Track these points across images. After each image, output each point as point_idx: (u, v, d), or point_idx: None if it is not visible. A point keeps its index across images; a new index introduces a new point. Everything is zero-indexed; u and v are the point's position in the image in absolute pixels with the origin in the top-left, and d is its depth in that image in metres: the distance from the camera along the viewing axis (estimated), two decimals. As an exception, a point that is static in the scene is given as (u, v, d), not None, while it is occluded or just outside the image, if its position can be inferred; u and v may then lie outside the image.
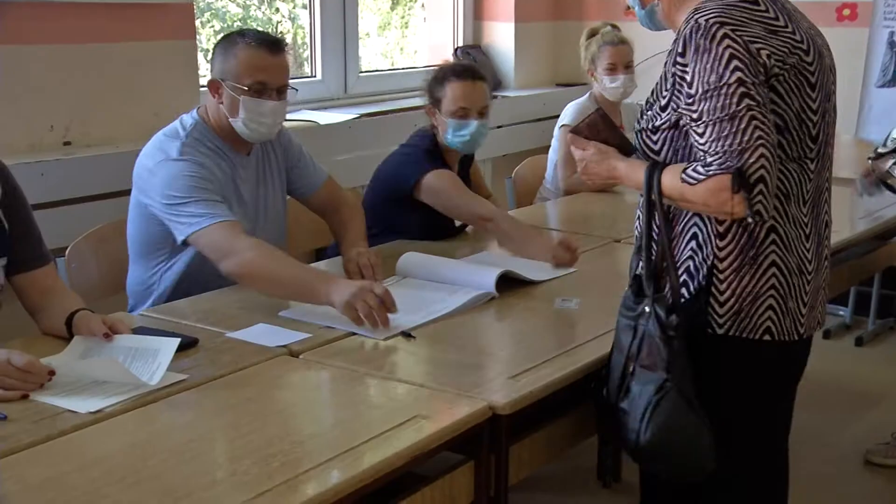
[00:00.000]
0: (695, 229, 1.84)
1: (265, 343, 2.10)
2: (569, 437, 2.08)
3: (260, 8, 4.28)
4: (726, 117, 1.74)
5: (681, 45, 1.80)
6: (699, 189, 1.76)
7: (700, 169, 1.76)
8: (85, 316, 2.05)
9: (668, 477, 1.92)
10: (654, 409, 1.80)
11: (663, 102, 1.85)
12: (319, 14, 4.09)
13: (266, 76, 2.45)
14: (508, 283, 2.46)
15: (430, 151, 2.97)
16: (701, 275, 1.84)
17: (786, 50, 1.79)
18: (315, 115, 3.80)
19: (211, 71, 2.52)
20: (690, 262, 1.85)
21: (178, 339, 1.99)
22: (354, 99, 4.22)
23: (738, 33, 1.76)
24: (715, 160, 1.74)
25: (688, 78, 1.79)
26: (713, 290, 1.83)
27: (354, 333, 2.17)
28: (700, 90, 1.77)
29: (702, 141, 1.77)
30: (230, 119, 2.48)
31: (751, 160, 1.71)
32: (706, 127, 1.76)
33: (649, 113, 1.90)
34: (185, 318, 2.26)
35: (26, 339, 2.12)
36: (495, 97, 4.62)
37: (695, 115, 1.78)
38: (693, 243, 1.85)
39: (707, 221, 1.83)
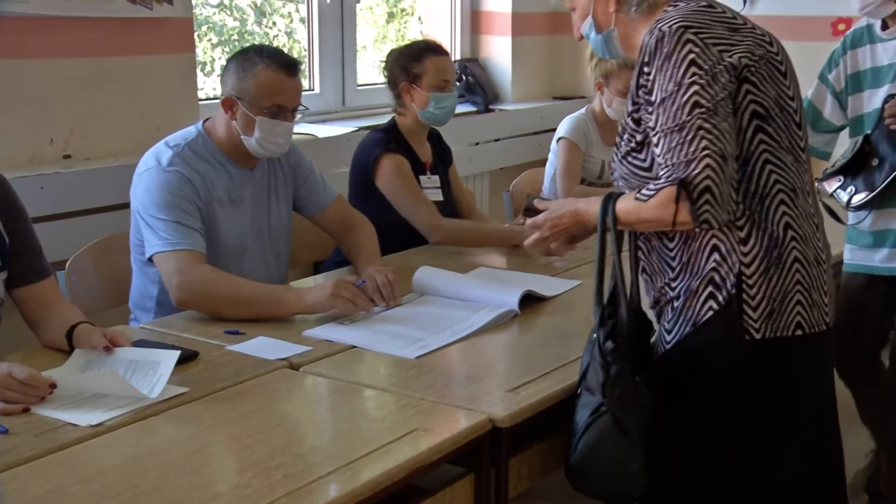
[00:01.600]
0: (714, 241, 1.83)
1: (265, 356, 2.11)
2: (568, 450, 2.09)
3: (258, 22, 4.30)
4: (676, 128, 1.75)
5: (646, 55, 1.82)
6: (651, 204, 1.78)
7: (651, 186, 1.79)
8: (85, 329, 2.06)
9: (596, 497, 1.95)
10: (585, 430, 1.84)
11: (636, 118, 1.87)
12: (318, 27, 4.10)
13: (284, 99, 2.48)
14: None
15: (387, 133, 3.11)
16: (729, 283, 1.81)
17: (751, 43, 1.83)
18: (313, 129, 3.81)
19: (223, 86, 2.53)
20: (715, 274, 1.83)
21: (179, 352, 2.00)
22: (352, 112, 4.23)
23: (701, 36, 1.79)
24: (664, 173, 1.77)
25: (650, 86, 1.81)
26: (744, 296, 1.81)
27: (354, 346, 2.18)
28: (658, 98, 1.79)
29: (657, 153, 1.79)
30: (243, 137, 2.49)
31: (695, 171, 1.73)
32: (659, 138, 1.79)
33: (625, 136, 1.91)
34: (186, 331, 2.27)
35: (27, 353, 2.12)
36: (492, 110, 4.65)
37: (652, 125, 1.80)
38: (716, 255, 1.83)
39: (728, 231, 1.81)
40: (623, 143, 1.91)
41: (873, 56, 2.80)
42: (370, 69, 4.77)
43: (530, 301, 2.48)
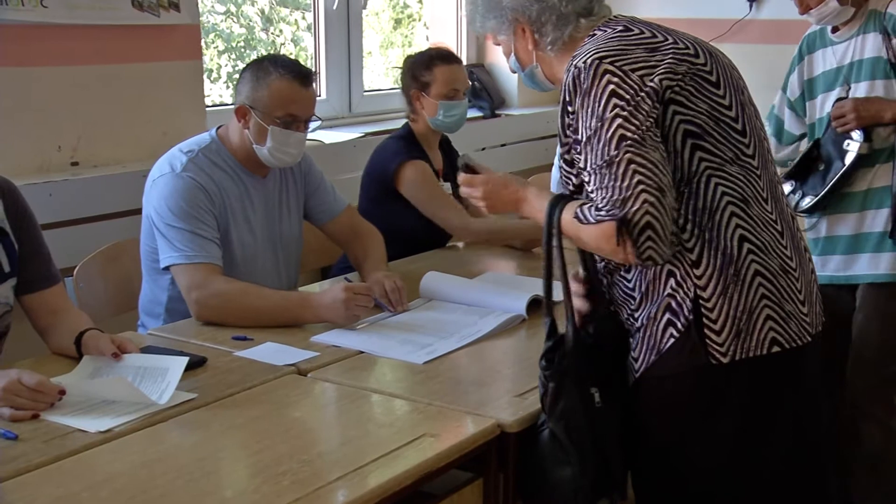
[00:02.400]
0: (669, 266, 1.74)
1: (273, 362, 2.11)
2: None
3: (265, 29, 4.31)
4: (605, 164, 1.69)
5: (566, 93, 1.77)
6: (591, 232, 1.70)
7: (593, 211, 1.70)
8: (94, 335, 2.07)
9: None
10: (530, 444, 1.82)
11: (568, 160, 1.82)
12: (324, 34, 4.11)
13: (297, 109, 2.48)
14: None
15: (405, 140, 3.13)
16: (685, 309, 1.73)
17: (672, 61, 1.75)
18: (320, 135, 3.81)
19: (237, 94, 2.54)
20: (671, 300, 1.74)
21: (187, 358, 2.01)
22: (359, 118, 4.23)
23: (618, 64, 1.72)
24: (603, 207, 1.69)
25: (576, 125, 1.76)
26: (705, 320, 1.72)
27: (361, 352, 2.18)
28: (584, 136, 1.73)
29: (590, 189, 1.73)
30: (255, 146, 2.49)
31: (633, 208, 1.65)
32: (590, 175, 1.72)
33: (561, 179, 1.86)
34: (194, 338, 2.28)
35: (36, 359, 2.13)
36: (498, 115, 4.66)
37: (582, 164, 1.75)
38: (672, 281, 1.74)
39: (680, 255, 1.73)
40: (562, 185, 1.87)
41: (825, 60, 2.78)
42: (376, 75, 4.79)
43: (538, 306, 2.47)
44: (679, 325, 1.74)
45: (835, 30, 2.76)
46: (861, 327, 2.69)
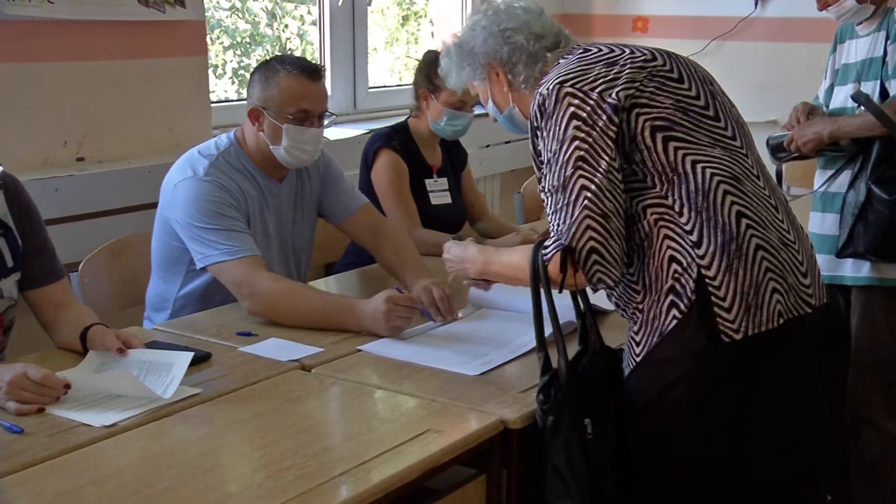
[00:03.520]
0: (671, 252, 1.76)
1: (277, 357, 2.12)
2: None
3: (270, 25, 4.32)
4: (560, 187, 1.75)
5: (535, 120, 1.83)
6: (550, 268, 1.76)
7: (548, 246, 1.77)
8: (99, 330, 2.07)
9: None
10: (540, 476, 1.81)
11: (543, 185, 1.85)
12: (329, 30, 4.12)
13: (309, 104, 2.47)
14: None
15: (396, 131, 3.14)
16: (689, 290, 1.74)
17: (630, 70, 1.80)
18: (324, 131, 3.82)
19: (249, 98, 2.53)
20: (676, 284, 1.75)
21: (192, 354, 2.01)
22: (363, 114, 4.24)
23: (578, 85, 1.78)
24: (552, 238, 1.76)
25: (540, 148, 1.82)
26: (713, 298, 1.73)
27: (360, 350, 2.19)
28: (546, 159, 1.79)
29: (548, 213, 1.79)
30: (271, 147, 2.49)
31: (577, 235, 1.72)
32: (548, 198, 1.79)
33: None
34: (199, 333, 2.28)
35: (42, 353, 2.14)
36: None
37: (542, 185, 1.81)
38: (675, 266, 1.75)
39: (680, 238, 1.75)
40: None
41: (849, 52, 2.77)
42: (382, 71, 4.79)
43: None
44: (682, 307, 1.75)
45: (860, 23, 2.75)
46: (857, 332, 2.68)
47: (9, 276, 2.10)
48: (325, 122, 2.54)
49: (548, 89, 1.80)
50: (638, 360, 1.80)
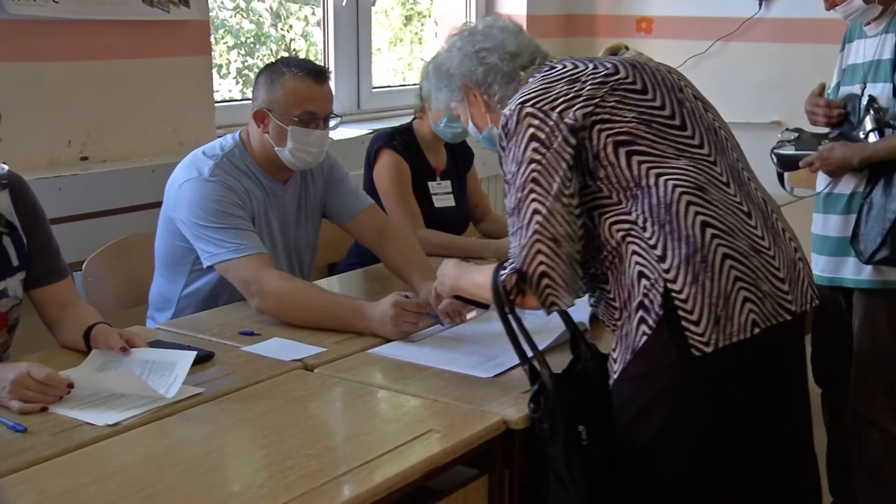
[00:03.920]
0: (639, 268, 1.74)
1: (280, 357, 2.12)
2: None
3: (274, 25, 4.32)
4: (516, 210, 1.78)
5: (502, 141, 1.84)
6: (508, 289, 1.78)
7: (505, 268, 1.79)
8: (102, 329, 2.08)
9: None
10: (541, 479, 1.82)
11: None
12: (333, 30, 4.12)
13: (314, 106, 2.48)
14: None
15: (399, 132, 3.14)
16: (656, 305, 1.71)
17: (591, 86, 1.80)
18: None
19: (254, 100, 2.53)
20: (644, 299, 1.73)
21: (195, 353, 2.01)
22: (367, 114, 4.24)
23: (538, 104, 1.79)
24: (508, 262, 1.78)
25: (504, 168, 1.84)
26: (680, 312, 1.70)
27: (368, 352, 2.19)
28: (507, 179, 1.81)
29: (510, 233, 1.81)
30: (276, 148, 2.49)
31: (528, 259, 1.74)
32: (508, 218, 1.81)
33: None
34: (202, 332, 2.29)
35: (45, 353, 2.14)
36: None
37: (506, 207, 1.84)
38: (644, 281, 1.73)
39: (646, 253, 1.73)
40: None
41: (857, 52, 2.76)
42: (385, 71, 4.79)
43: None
44: (651, 322, 1.73)
45: (869, 22, 2.73)
46: (859, 334, 2.68)
47: (14, 275, 2.11)
48: (331, 123, 2.54)
49: (510, 110, 1.82)
50: (616, 376, 1.79)
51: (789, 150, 2.81)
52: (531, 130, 1.77)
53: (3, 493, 1.55)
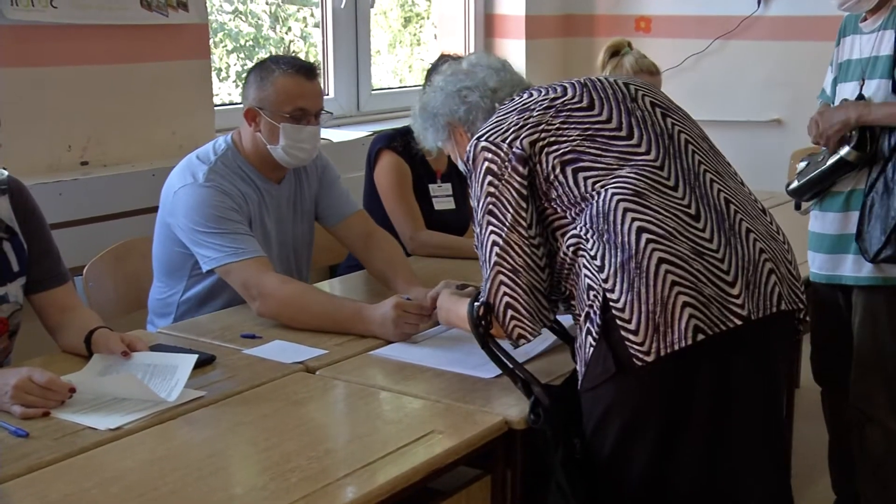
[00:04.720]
0: (588, 280, 1.74)
1: (282, 360, 2.12)
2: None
3: (273, 28, 4.32)
4: (480, 244, 1.84)
5: (468, 179, 1.89)
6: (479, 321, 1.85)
7: (478, 300, 1.86)
8: (103, 334, 2.08)
9: None
10: (542, 483, 1.84)
11: None
12: (332, 32, 4.12)
13: (305, 102, 2.48)
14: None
15: (401, 133, 3.12)
16: (598, 316, 1.70)
17: (539, 112, 1.84)
18: (327, 133, 3.82)
19: (244, 99, 2.53)
20: (590, 310, 1.73)
21: (196, 356, 2.01)
22: (366, 116, 4.25)
23: (491, 138, 1.84)
24: (480, 294, 1.86)
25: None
26: (618, 322, 1.67)
27: (370, 354, 2.19)
28: (474, 213, 1.87)
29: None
30: (269, 146, 2.49)
31: (492, 291, 1.81)
32: (478, 252, 1.87)
33: None
34: (203, 336, 2.29)
35: (47, 357, 2.14)
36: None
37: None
38: (592, 293, 1.73)
39: (589, 264, 1.73)
40: None
41: (852, 48, 2.75)
42: (385, 73, 4.79)
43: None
44: (595, 333, 1.72)
45: (864, 18, 2.72)
46: (860, 332, 2.68)
47: (14, 281, 2.11)
48: (323, 119, 2.54)
49: (470, 146, 1.87)
50: (580, 390, 1.79)
51: (797, 183, 2.78)
52: (486, 164, 1.83)
53: (6, 499, 1.55)
